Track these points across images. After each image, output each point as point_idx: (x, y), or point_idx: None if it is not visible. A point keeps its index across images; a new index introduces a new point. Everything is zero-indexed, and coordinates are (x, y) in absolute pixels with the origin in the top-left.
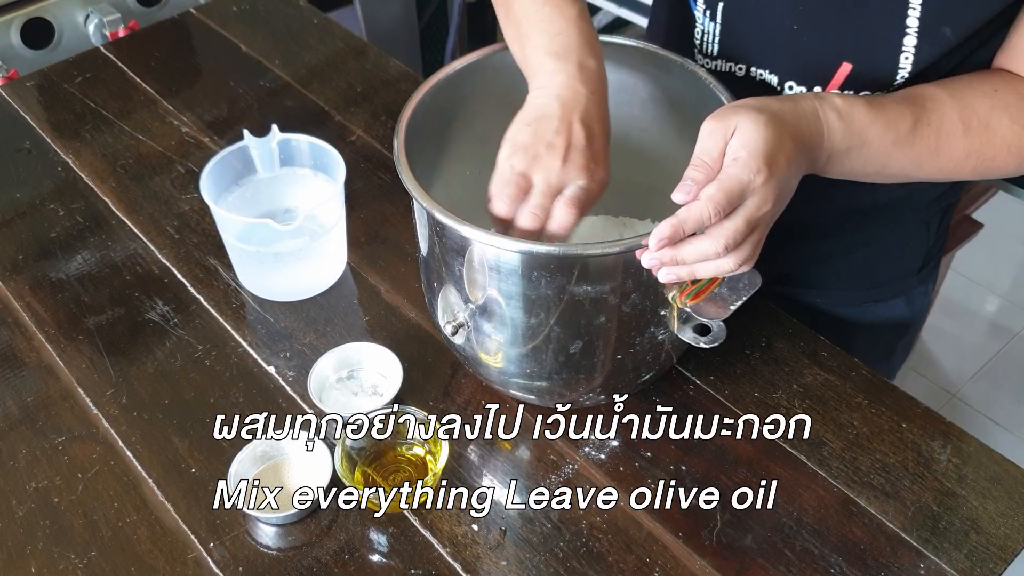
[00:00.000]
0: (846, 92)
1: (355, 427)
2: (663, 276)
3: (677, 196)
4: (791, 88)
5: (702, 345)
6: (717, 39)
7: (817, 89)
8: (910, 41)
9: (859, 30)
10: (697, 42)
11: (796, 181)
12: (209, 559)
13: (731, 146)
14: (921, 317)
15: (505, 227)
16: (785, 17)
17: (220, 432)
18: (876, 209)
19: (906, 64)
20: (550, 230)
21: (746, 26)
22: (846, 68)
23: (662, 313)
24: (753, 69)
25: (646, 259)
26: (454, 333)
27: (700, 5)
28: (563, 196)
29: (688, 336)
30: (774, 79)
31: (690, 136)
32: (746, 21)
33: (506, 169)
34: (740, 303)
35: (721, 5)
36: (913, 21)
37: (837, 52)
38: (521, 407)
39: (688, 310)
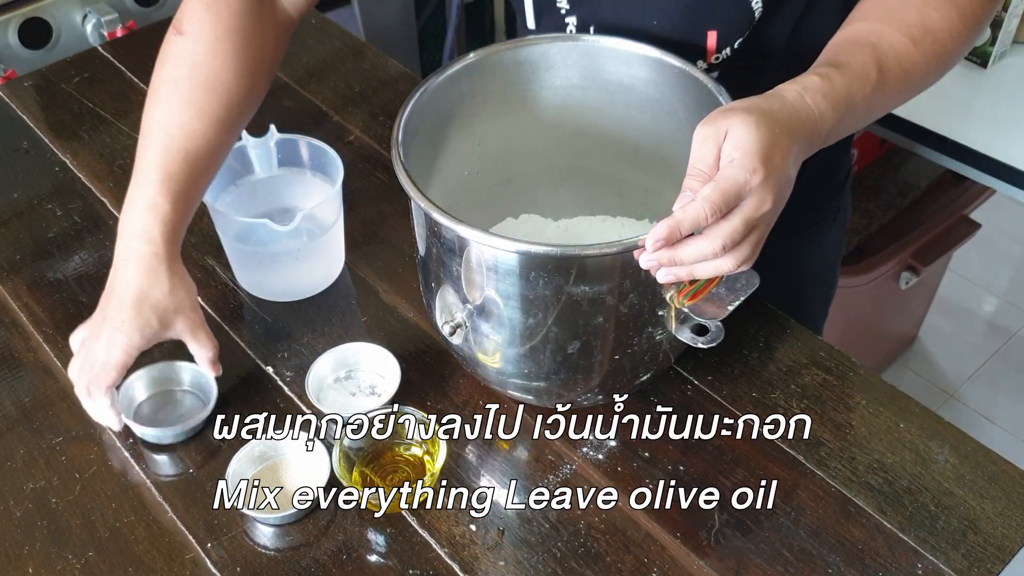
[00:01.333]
0: (720, 55)
1: (353, 427)
2: (662, 277)
3: (677, 207)
4: None
5: (700, 345)
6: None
7: (700, 63)
8: None
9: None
10: (571, 29)
11: (795, 173)
12: (207, 559)
13: (725, 150)
14: (846, 235)
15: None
16: (645, 12)
17: (219, 432)
18: None
19: (757, 8)
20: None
21: (618, 34)
22: (712, 36)
23: (660, 313)
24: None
25: (643, 260)
26: (452, 333)
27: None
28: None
29: (686, 336)
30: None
31: (688, 137)
32: (619, 32)
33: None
34: (738, 303)
35: (572, 20)
36: None
37: (702, 27)
38: (519, 407)
39: (686, 310)
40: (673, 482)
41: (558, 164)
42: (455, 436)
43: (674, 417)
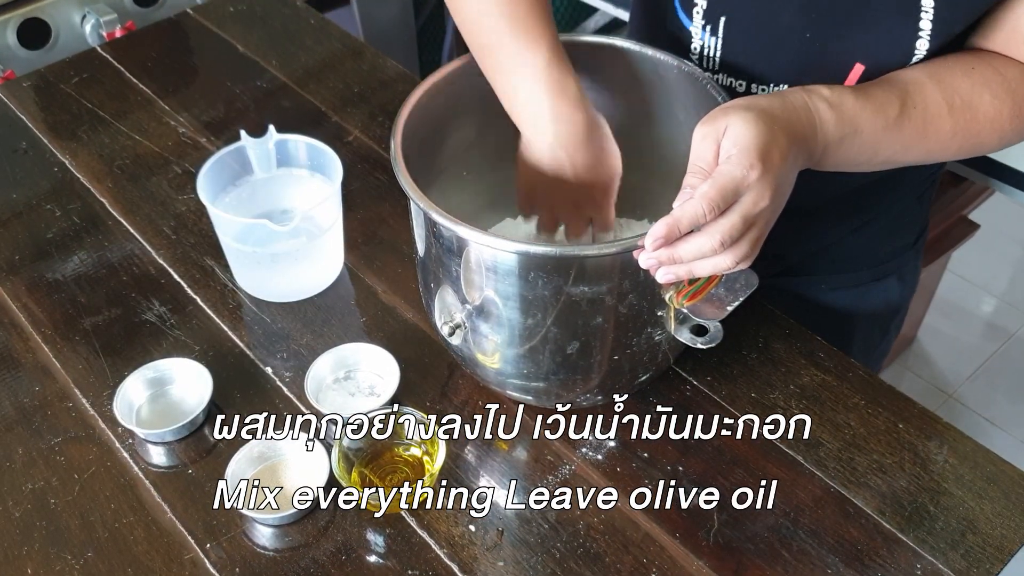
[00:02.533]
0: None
1: (352, 428)
2: (661, 276)
3: (677, 205)
4: None
5: (699, 346)
6: (719, 53)
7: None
8: (923, 44)
9: (873, 34)
10: (695, 56)
11: (794, 175)
12: (206, 560)
13: (723, 146)
14: (911, 294)
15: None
16: (796, 26)
17: (218, 433)
18: (872, 190)
19: (921, 50)
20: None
21: (752, 39)
22: (859, 70)
23: (659, 314)
24: (754, 85)
25: (643, 259)
26: (451, 334)
27: (698, 20)
28: (596, 226)
29: (685, 337)
30: (783, 88)
31: (687, 137)
32: (753, 34)
33: (530, 206)
34: (737, 304)
35: (723, 19)
36: (927, 24)
37: (850, 55)
38: (518, 408)
39: (685, 311)
40: (672, 482)
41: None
42: (454, 436)
43: (673, 417)
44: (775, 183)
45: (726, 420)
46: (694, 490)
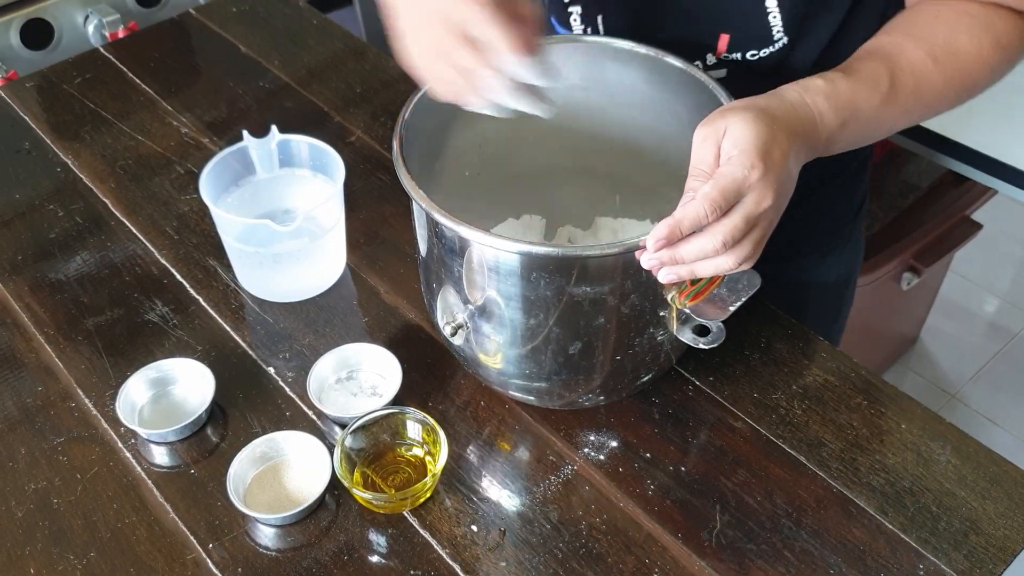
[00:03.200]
0: (729, 55)
1: (355, 428)
2: (663, 276)
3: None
4: None
5: (701, 346)
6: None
7: (709, 56)
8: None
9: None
10: None
11: (796, 173)
12: (208, 560)
13: (723, 147)
14: (858, 269)
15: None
16: (656, 16)
17: (220, 433)
18: (818, 168)
19: (776, 22)
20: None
21: (629, 31)
22: (724, 38)
23: (661, 314)
24: None
25: (645, 260)
26: (453, 334)
27: (577, 27)
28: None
29: (687, 337)
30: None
31: (689, 138)
32: (629, 26)
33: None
34: (739, 304)
35: (600, 18)
36: None
37: (714, 27)
38: (520, 408)
39: (687, 311)
40: (674, 483)
41: (559, 164)
42: (456, 437)
43: (675, 418)
44: (777, 183)
45: (728, 420)
46: (695, 491)
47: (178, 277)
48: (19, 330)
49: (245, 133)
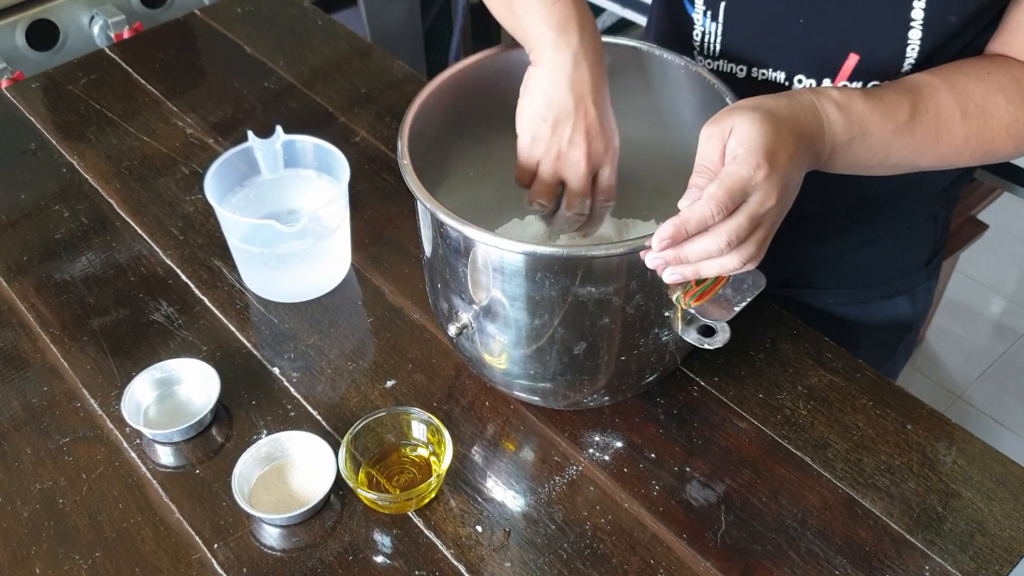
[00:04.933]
0: (850, 84)
1: (359, 428)
2: (668, 276)
3: (683, 204)
4: (800, 82)
5: (706, 347)
6: (719, 39)
7: (826, 82)
8: (915, 34)
9: (865, 22)
10: (697, 43)
11: (800, 176)
12: (213, 560)
13: (729, 146)
14: (924, 315)
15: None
16: (790, 12)
17: (225, 433)
18: (883, 201)
19: (912, 54)
20: (591, 227)
21: (750, 25)
22: (853, 59)
23: (666, 314)
24: (755, 70)
25: (650, 259)
26: (458, 334)
27: (699, 6)
28: (599, 190)
29: (692, 337)
30: (779, 76)
31: (694, 137)
32: (750, 19)
33: (530, 163)
34: (744, 304)
35: (723, 5)
36: (918, 13)
37: (844, 44)
38: (525, 408)
39: (692, 311)
40: (678, 483)
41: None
42: (461, 437)
43: (680, 418)
44: (782, 183)
45: (733, 421)
46: (700, 491)
47: (183, 277)
48: (24, 330)
49: (250, 134)
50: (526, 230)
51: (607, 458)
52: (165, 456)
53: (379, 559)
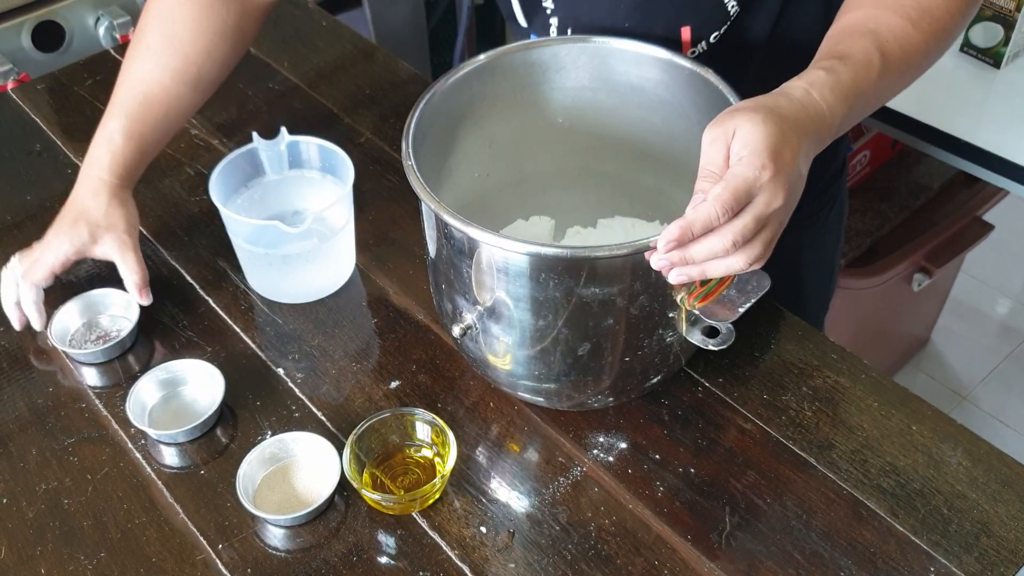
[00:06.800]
0: (694, 49)
1: (364, 429)
2: (673, 277)
3: (689, 211)
4: None
5: (711, 347)
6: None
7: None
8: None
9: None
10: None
11: (806, 170)
12: (218, 560)
13: (733, 148)
14: (843, 219)
15: None
16: (614, 14)
17: (230, 434)
18: None
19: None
20: None
21: (594, 33)
22: (686, 31)
23: (670, 315)
24: None
25: (655, 261)
26: (462, 335)
27: (531, 28)
28: None
29: (697, 338)
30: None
31: (698, 139)
32: (585, 31)
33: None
34: (749, 305)
35: (554, 22)
36: None
37: (676, 23)
38: (529, 409)
39: (696, 312)
40: (684, 484)
41: (568, 166)
42: (465, 438)
43: (685, 419)
44: (788, 183)
45: (738, 422)
46: (705, 492)
47: (188, 278)
48: (30, 331)
49: (254, 134)
50: (530, 231)
51: (611, 459)
52: (170, 457)
53: (383, 560)
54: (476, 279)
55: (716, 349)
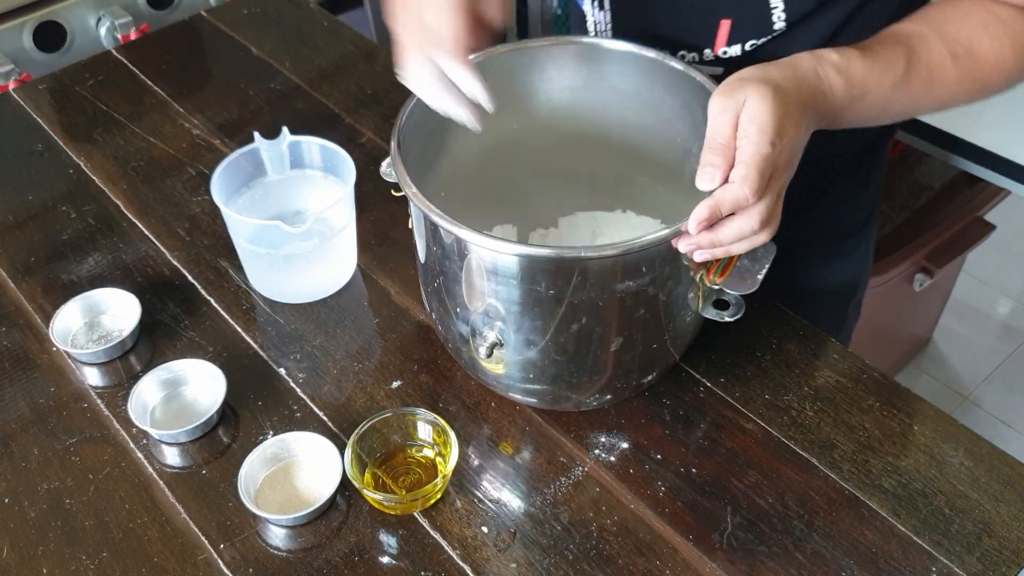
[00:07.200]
0: (728, 49)
1: (365, 429)
2: (699, 257)
3: (702, 184)
4: (683, 56)
5: (726, 319)
6: (609, 26)
7: (707, 52)
8: None
9: None
10: (592, 33)
11: (805, 142)
12: (219, 560)
13: (740, 122)
14: (865, 279)
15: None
16: None
17: (231, 434)
18: (817, 170)
19: (778, 12)
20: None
21: (632, 9)
22: (726, 25)
23: (664, 310)
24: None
25: (684, 245)
26: (488, 354)
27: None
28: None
29: (711, 313)
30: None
31: (690, 139)
32: (632, 4)
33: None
34: (764, 271)
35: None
36: None
37: (715, 12)
38: (531, 409)
39: (718, 287)
40: (685, 484)
41: (559, 166)
42: (467, 438)
43: (686, 419)
44: (789, 155)
45: (739, 422)
46: (706, 492)
47: (189, 278)
48: (32, 331)
49: (256, 135)
50: (523, 231)
51: (613, 459)
52: (171, 456)
53: (385, 560)
54: (467, 281)
55: (731, 320)
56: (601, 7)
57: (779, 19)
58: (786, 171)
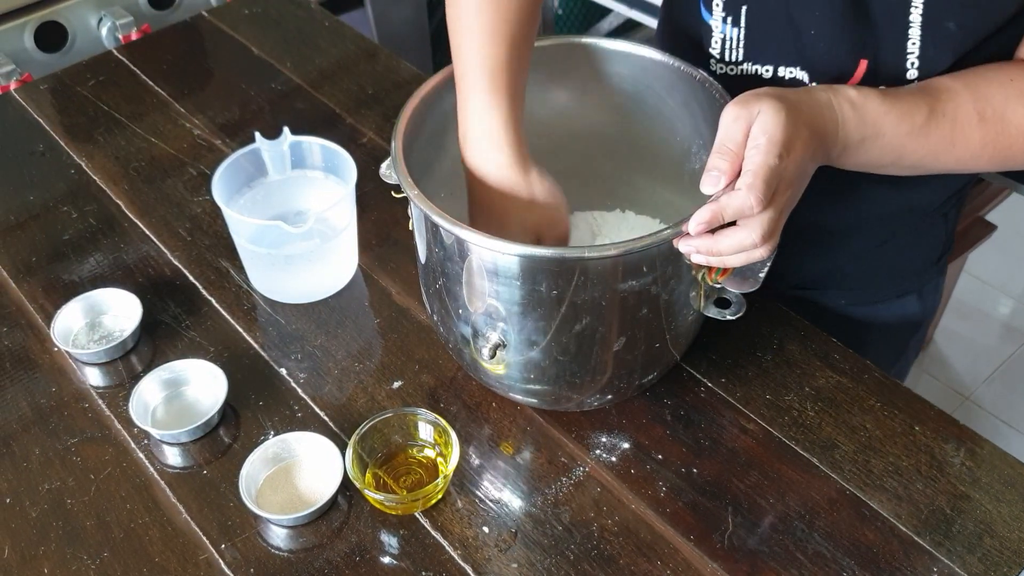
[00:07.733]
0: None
1: (366, 429)
2: (696, 260)
3: (706, 188)
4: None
5: (728, 317)
6: (742, 44)
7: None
8: (915, 32)
9: (868, 28)
10: (716, 51)
11: (812, 169)
12: (220, 560)
13: (752, 132)
14: (933, 312)
15: None
16: (804, 18)
17: (232, 434)
18: (899, 211)
19: (913, 59)
20: None
21: (771, 27)
22: (863, 65)
23: (665, 310)
24: (781, 69)
25: (683, 245)
26: (491, 356)
27: (718, 13)
28: None
29: (713, 312)
30: (804, 76)
31: (690, 140)
32: (770, 22)
33: None
34: (766, 270)
35: (744, 8)
36: (916, 17)
37: (853, 50)
38: (532, 409)
39: (720, 286)
40: (686, 485)
41: (559, 165)
42: (468, 438)
43: (687, 419)
44: (797, 173)
45: (740, 422)
46: (707, 492)
47: (191, 278)
48: (33, 331)
49: (257, 135)
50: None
51: (614, 459)
52: (172, 456)
53: (386, 560)
54: (467, 281)
55: (733, 318)
56: (736, 24)
57: (912, 65)
58: (790, 189)
